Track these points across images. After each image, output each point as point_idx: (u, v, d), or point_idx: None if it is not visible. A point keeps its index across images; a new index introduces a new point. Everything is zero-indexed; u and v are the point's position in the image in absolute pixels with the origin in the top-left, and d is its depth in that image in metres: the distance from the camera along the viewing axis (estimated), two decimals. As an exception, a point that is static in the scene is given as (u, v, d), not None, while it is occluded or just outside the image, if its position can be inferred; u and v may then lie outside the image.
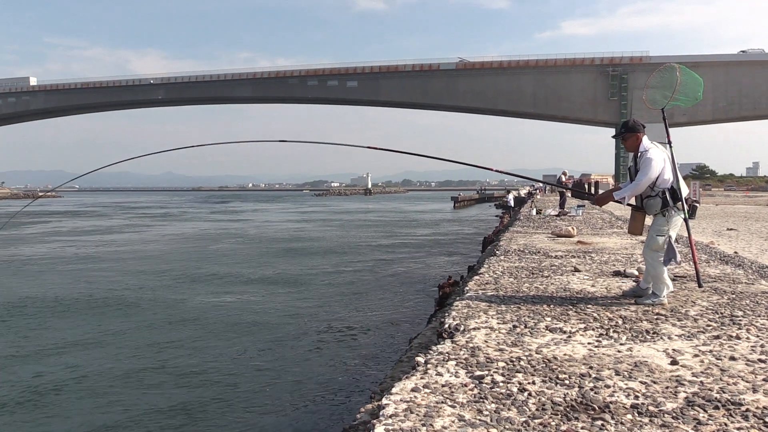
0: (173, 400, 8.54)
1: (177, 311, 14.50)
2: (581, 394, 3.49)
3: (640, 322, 5.35)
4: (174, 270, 21.36)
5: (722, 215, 27.92)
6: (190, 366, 10.18)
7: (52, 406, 8.44)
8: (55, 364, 10.29)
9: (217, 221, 53.18)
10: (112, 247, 29.97)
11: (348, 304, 15.37)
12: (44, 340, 11.91)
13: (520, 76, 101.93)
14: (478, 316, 5.69)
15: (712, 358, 4.25)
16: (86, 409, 8.37)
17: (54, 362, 10.43)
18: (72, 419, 8.07)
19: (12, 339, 11.99)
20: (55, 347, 11.34)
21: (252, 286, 18.07)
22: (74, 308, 14.93)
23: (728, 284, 7.51)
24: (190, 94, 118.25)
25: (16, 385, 9.23)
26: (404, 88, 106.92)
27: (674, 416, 3.16)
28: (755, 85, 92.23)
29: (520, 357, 4.29)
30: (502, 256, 10.75)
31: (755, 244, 14.95)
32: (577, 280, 7.90)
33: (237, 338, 11.99)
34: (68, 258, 25.47)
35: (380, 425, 3.07)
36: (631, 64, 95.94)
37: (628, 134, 6.27)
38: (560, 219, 21.65)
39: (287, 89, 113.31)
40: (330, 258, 25.03)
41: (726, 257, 11.28)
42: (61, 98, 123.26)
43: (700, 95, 6.34)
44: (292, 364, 10.28)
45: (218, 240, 33.89)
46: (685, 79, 6.30)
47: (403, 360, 6.10)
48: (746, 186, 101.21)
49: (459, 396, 3.49)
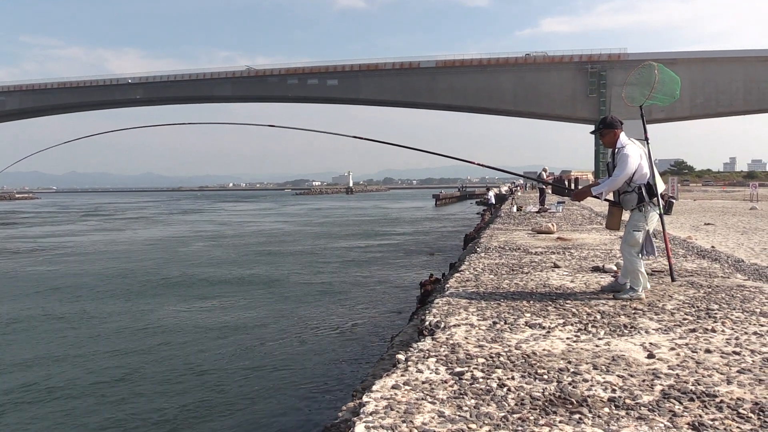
0: (149, 407, 8.36)
1: (146, 318, 13.83)
2: (560, 389, 3.53)
3: (618, 317, 5.42)
4: (141, 275, 20.36)
5: (700, 210, 28.26)
6: (164, 372, 9.89)
7: (14, 426, 7.97)
8: (13, 381, 9.54)
9: (192, 222, 51.94)
10: (77, 251, 28.76)
11: (329, 303, 15.33)
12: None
13: (500, 74, 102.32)
14: (459, 313, 5.72)
15: (688, 351, 4.32)
16: (56, 423, 8.20)
17: (12, 379, 9.65)
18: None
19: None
20: (11, 364, 10.44)
21: (227, 289, 17.53)
22: (31, 319, 13.87)
23: (705, 278, 7.62)
24: (169, 93, 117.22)
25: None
26: (385, 86, 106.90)
27: (650, 409, 3.20)
28: (731, 81, 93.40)
29: (499, 353, 4.32)
30: (482, 253, 10.81)
31: (732, 239, 15.16)
32: (557, 276, 7.97)
33: (213, 342, 11.71)
34: (32, 263, 24.99)
35: (361, 423, 3.08)
36: (610, 61, 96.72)
37: (606, 130, 6.36)
38: (540, 216, 21.80)
39: (267, 88, 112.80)
40: (309, 258, 24.87)
41: (703, 251, 11.44)
42: (37, 98, 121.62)
43: (678, 94, 6.42)
44: (272, 364, 10.23)
45: (191, 243, 32.48)
46: (662, 78, 6.38)
47: (385, 358, 6.12)
48: (723, 181, 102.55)
49: (439, 392, 3.51)
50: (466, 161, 7.78)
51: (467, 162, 7.68)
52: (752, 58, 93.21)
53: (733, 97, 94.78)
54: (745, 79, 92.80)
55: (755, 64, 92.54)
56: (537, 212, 23.52)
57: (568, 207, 25.61)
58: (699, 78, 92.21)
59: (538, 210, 24.17)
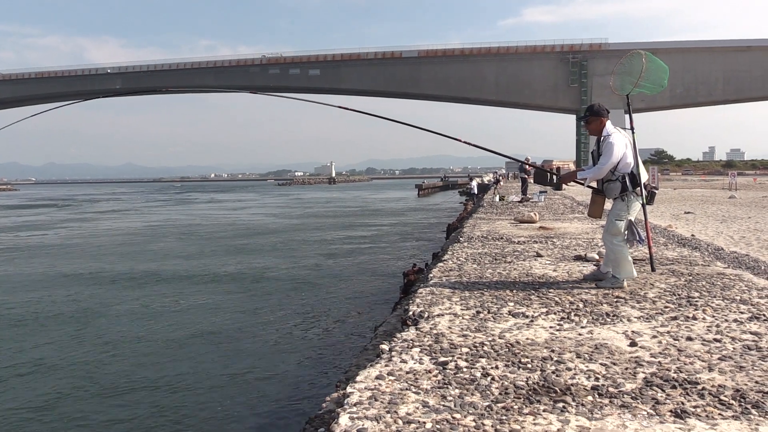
0: (129, 407, 8.15)
1: (118, 315, 13.21)
2: (543, 378, 3.54)
3: (600, 306, 5.44)
4: (109, 270, 19.37)
5: (680, 199, 28.53)
6: (143, 368, 9.70)
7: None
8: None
9: (170, 214, 51.17)
10: (46, 244, 27.64)
11: (310, 295, 15.25)
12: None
13: (482, 64, 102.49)
14: (442, 302, 5.72)
15: (670, 338, 4.35)
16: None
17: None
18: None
19: None
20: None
21: (202, 284, 17.02)
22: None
23: (685, 266, 7.68)
24: (149, 83, 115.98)
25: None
26: (367, 76, 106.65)
27: (633, 396, 3.22)
28: (711, 71, 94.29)
29: (483, 342, 4.33)
30: (465, 243, 10.83)
31: (711, 227, 15.30)
32: (539, 265, 8.00)
33: (191, 336, 11.41)
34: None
35: (345, 414, 3.07)
36: (591, 51, 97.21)
37: (592, 118, 6.40)
38: (523, 205, 21.89)
39: (249, 78, 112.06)
40: (290, 249, 24.64)
41: (683, 240, 11.54)
42: (14, 88, 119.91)
43: (665, 83, 6.44)
44: (253, 356, 10.15)
45: (168, 235, 31.41)
46: (650, 66, 6.39)
47: (368, 348, 6.10)
48: (703, 170, 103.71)
49: (423, 382, 3.51)
50: (454, 138, 7.74)
51: (454, 139, 7.61)
52: (732, 48, 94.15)
53: (713, 87, 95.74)
54: (724, 69, 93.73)
55: (735, 54, 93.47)
56: (519, 202, 23.62)
57: (550, 196, 25.73)
58: (679, 68, 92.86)
59: (521, 199, 24.27)
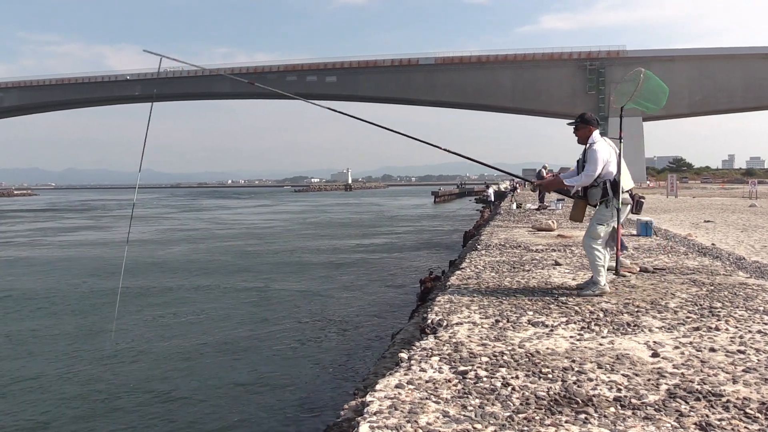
0: (144, 418, 8.14)
1: (145, 322, 13.28)
2: (564, 388, 3.51)
3: (621, 315, 5.39)
4: (132, 274, 19.35)
5: (699, 207, 28.26)
6: (159, 380, 9.70)
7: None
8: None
9: (187, 220, 51.31)
10: (57, 251, 27.74)
11: (327, 301, 15.27)
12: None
13: (499, 71, 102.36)
14: (461, 311, 5.69)
15: (693, 349, 4.29)
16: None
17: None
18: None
19: None
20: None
21: (218, 290, 17.05)
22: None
23: (707, 276, 7.60)
24: (168, 90, 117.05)
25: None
26: (383, 83, 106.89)
27: (656, 408, 3.18)
28: (730, 78, 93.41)
29: (503, 351, 4.30)
30: (483, 251, 10.79)
31: (732, 236, 15.14)
32: (558, 274, 7.94)
33: (211, 343, 11.51)
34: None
35: (365, 423, 3.05)
36: (608, 58, 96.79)
37: (581, 125, 6.55)
38: (540, 213, 21.79)
39: (266, 85, 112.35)
40: (306, 256, 24.70)
41: (704, 249, 11.41)
42: (35, 95, 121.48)
43: (663, 103, 6.53)
44: (269, 364, 10.17)
45: (182, 242, 31.33)
46: (648, 85, 6.47)
47: (386, 356, 6.08)
48: (722, 178, 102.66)
49: (443, 392, 3.48)
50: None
51: (434, 146, 7.59)
52: (751, 55, 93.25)
53: (732, 94, 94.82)
54: (744, 76, 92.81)
55: (754, 61, 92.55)
56: (537, 209, 23.50)
57: (568, 204, 25.55)
58: (698, 75, 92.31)
59: (538, 207, 24.14)
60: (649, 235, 12.84)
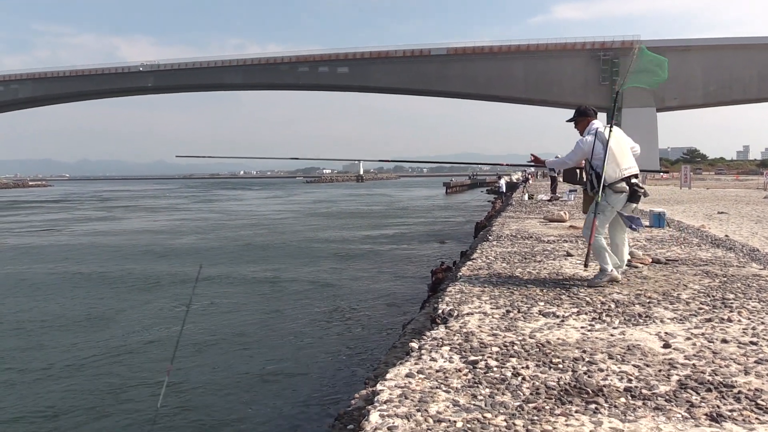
0: (157, 407, 8.20)
1: (154, 314, 13.20)
2: (575, 378, 3.51)
3: (632, 306, 5.38)
4: (140, 265, 19.52)
5: (713, 199, 28.03)
6: (178, 364, 9.71)
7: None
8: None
9: (198, 211, 51.40)
10: (65, 240, 27.98)
11: (338, 292, 15.32)
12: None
13: (511, 61, 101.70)
14: (472, 301, 5.70)
15: (704, 341, 4.28)
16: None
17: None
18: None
19: None
20: None
21: (228, 282, 16.97)
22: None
23: (719, 267, 7.55)
24: (180, 81, 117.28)
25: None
26: (395, 74, 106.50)
27: (667, 399, 3.18)
28: (745, 68, 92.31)
29: (513, 342, 4.30)
30: (494, 242, 10.77)
31: (746, 228, 15.01)
32: (570, 265, 7.93)
33: (222, 332, 11.57)
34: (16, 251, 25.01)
35: (375, 411, 3.07)
36: (622, 48, 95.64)
37: (580, 118, 6.68)
38: (552, 204, 21.70)
39: (278, 76, 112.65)
40: (317, 247, 24.70)
41: (717, 240, 11.33)
42: (49, 86, 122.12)
43: (664, 74, 6.55)
44: (281, 354, 10.21)
45: (192, 233, 31.15)
46: (641, 62, 6.64)
47: (397, 346, 6.10)
48: (737, 170, 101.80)
49: (453, 381, 3.50)
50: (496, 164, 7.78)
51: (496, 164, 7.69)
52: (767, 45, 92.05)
53: (748, 85, 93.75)
54: (760, 66, 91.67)
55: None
56: (548, 200, 23.41)
57: (580, 195, 25.43)
58: (713, 65, 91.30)
59: (550, 198, 24.05)
60: (662, 227, 12.77)
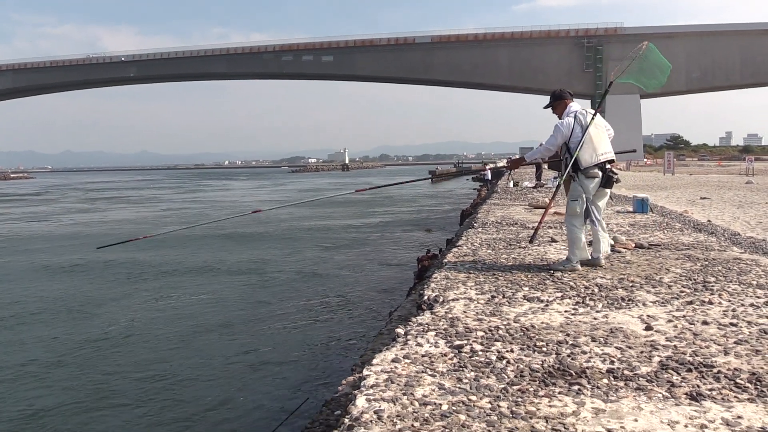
0: (146, 400, 8.08)
1: (129, 308, 12.96)
2: (558, 361, 3.56)
3: (615, 290, 5.44)
4: (119, 260, 18.52)
5: (696, 184, 28.30)
6: (157, 362, 9.65)
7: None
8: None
9: (182, 202, 51.21)
10: (45, 231, 27.84)
11: (324, 281, 15.33)
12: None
13: (495, 49, 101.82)
14: (457, 287, 5.74)
15: (686, 323, 4.34)
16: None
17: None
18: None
19: None
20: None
21: (213, 272, 16.80)
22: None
23: (701, 251, 7.64)
24: (163, 70, 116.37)
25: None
26: (380, 62, 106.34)
27: (648, 379, 3.23)
28: (728, 55, 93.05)
29: (498, 326, 4.34)
30: (479, 229, 10.82)
31: (728, 212, 15.20)
32: (554, 251, 8.00)
33: (206, 325, 11.46)
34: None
35: (362, 396, 3.10)
36: (606, 35, 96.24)
37: (556, 102, 6.57)
38: (537, 191, 21.80)
39: (262, 65, 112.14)
40: (303, 237, 24.50)
41: (699, 225, 11.47)
42: (30, 77, 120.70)
43: (663, 80, 6.50)
44: (268, 344, 10.22)
45: (176, 224, 30.69)
46: (645, 61, 6.45)
47: (384, 332, 6.15)
48: (719, 156, 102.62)
49: (439, 365, 3.53)
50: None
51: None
52: (750, 32, 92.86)
53: (730, 71, 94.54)
54: (742, 53, 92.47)
55: (753, 37, 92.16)
56: (533, 187, 23.52)
57: (565, 182, 25.57)
58: (696, 52, 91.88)
59: (535, 185, 24.17)
60: (645, 212, 12.88)
